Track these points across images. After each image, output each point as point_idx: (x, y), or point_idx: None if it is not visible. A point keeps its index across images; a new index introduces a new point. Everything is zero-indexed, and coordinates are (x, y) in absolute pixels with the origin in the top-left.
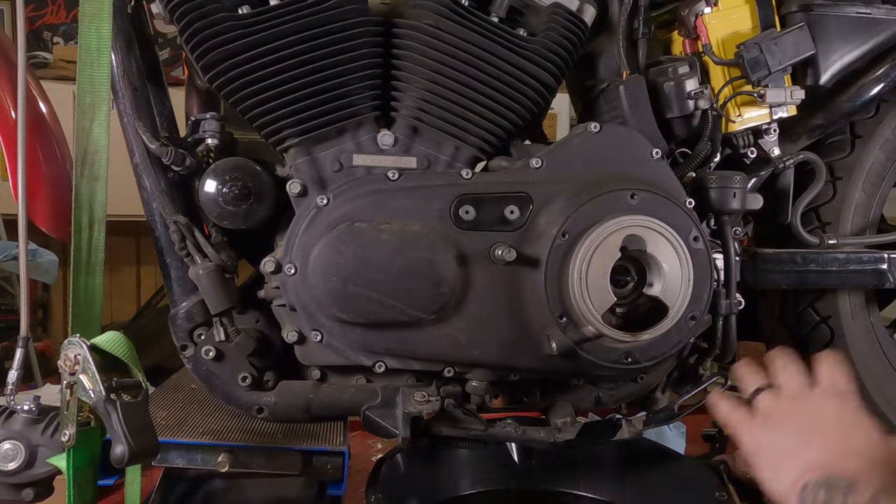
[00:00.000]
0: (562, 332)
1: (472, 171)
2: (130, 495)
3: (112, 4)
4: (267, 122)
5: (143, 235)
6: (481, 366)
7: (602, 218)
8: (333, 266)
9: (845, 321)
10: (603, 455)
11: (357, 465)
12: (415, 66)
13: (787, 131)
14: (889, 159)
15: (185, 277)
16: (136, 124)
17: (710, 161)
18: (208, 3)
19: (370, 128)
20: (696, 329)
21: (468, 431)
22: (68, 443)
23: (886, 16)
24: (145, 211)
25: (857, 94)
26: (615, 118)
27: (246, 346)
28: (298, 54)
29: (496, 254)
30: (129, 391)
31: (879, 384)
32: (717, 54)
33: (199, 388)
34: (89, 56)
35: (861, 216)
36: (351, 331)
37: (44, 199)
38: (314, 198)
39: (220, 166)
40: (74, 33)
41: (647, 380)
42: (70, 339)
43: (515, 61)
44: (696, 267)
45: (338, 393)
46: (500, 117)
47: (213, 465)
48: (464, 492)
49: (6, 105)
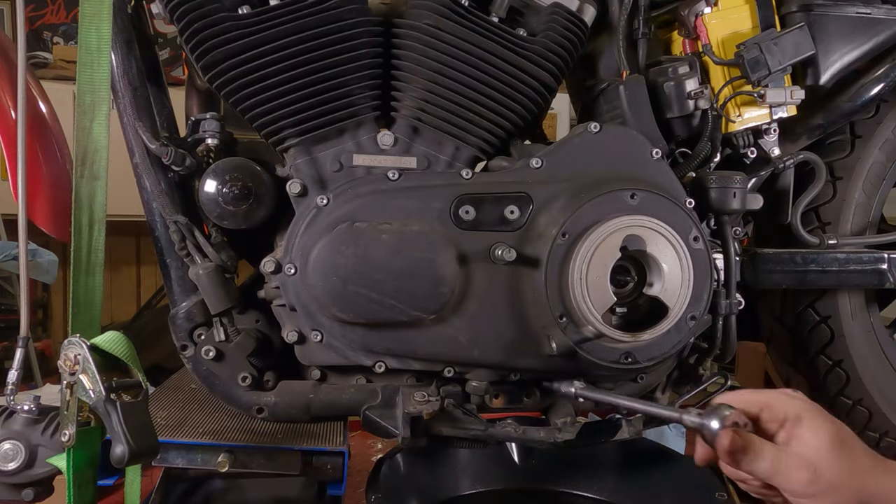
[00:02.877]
0: (562, 332)
1: (472, 171)
2: (130, 495)
3: (112, 4)
4: (267, 122)
5: (143, 235)
6: (481, 366)
7: (602, 218)
8: (333, 266)
9: (845, 321)
10: (603, 455)
11: (357, 465)
12: (415, 66)
13: (787, 131)
14: (889, 159)
15: (185, 277)
16: (136, 124)
17: (710, 161)
18: (208, 3)
19: (370, 128)
20: (696, 329)
21: (468, 431)
22: (68, 443)
23: (886, 16)
24: (145, 211)
25: (857, 94)
26: (615, 118)
27: (246, 346)
28: (298, 54)
29: (496, 254)
30: (129, 391)
31: (879, 384)
32: (717, 54)
33: (199, 388)
34: (89, 56)
35: (861, 216)
36: (351, 331)
37: (44, 199)
38: (314, 198)
39: (220, 166)
40: (74, 33)
41: (647, 380)
42: (70, 339)
43: (515, 61)
44: (696, 267)
45: (338, 393)
46: (500, 117)
47: (213, 465)
48: (464, 492)
49: (6, 105)
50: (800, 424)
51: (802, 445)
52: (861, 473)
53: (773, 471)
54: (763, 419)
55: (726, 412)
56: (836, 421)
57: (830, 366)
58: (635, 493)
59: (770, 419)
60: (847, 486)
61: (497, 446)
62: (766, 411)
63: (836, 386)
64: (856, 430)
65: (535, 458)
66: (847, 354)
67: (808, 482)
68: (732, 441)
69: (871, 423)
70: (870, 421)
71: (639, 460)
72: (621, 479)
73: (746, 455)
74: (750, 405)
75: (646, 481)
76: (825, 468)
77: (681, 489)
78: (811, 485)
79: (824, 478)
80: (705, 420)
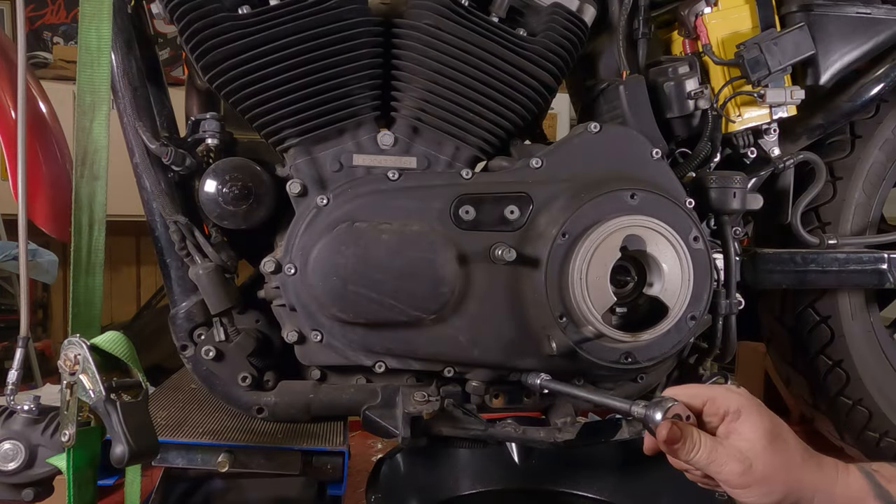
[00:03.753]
0: (562, 332)
1: (472, 171)
2: (130, 495)
3: (112, 4)
4: (267, 122)
5: (143, 235)
6: (481, 366)
7: (602, 218)
8: (333, 266)
9: (845, 321)
10: (603, 455)
11: (357, 465)
12: (415, 66)
13: (787, 131)
14: (889, 159)
15: (185, 277)
16: (136, 124)
17: (710, 161)
18: (208, 3)
19: (370, 128)
20: (696, 329)
21: (468, 431)
22: (68, 443)
23: (886, 16)
24: (145, 211)
25: (857, 94)
26: (615, 118)
27: (246, 346)
28: (298, 54)
29: (496, 254)
30: (129, 391)
31: (879, 384)
32: (717, 54)
33: (199, 388)
34: (89, 56)
35: (861, 216)
36: (351, 331)
37: (44, 199)
38: (314, 198)
39: (220, 166)
40: (74, 33)
41: (647, 380)
42: (70, 339)
43: (515, 61)
44: (696, 267)
45: (338, 393)
46: (500, 117)
47: (213, 465)
48: (464, 492)
49: (6, 105)
50: (739, 419)
51: (739, 439)
52: (794, 468)
53: (709, 461)
54: (706, 412)
55: (669, 404)
56: (774, 417)
57: (830, 366)
58: (635, 493)
59: (712, 413)
60: (779, 480)
61: (497, 446)
62: (709, 405)
63: (836, 386)
64: (856, 430)
65: (535, 458)
66: (847, 354)
67: (741, 473)
68: (670, 431)
69: (871, 423)
70: (870, 421)
71: (639, 460)
72: (621, 479)
73: (684, 446)
74: (694, 399)
75: (646, 481)
76: (758, 461)
77: (681, 489)
78: (743, 476)
79: (757, 470)
80: (649, 412)
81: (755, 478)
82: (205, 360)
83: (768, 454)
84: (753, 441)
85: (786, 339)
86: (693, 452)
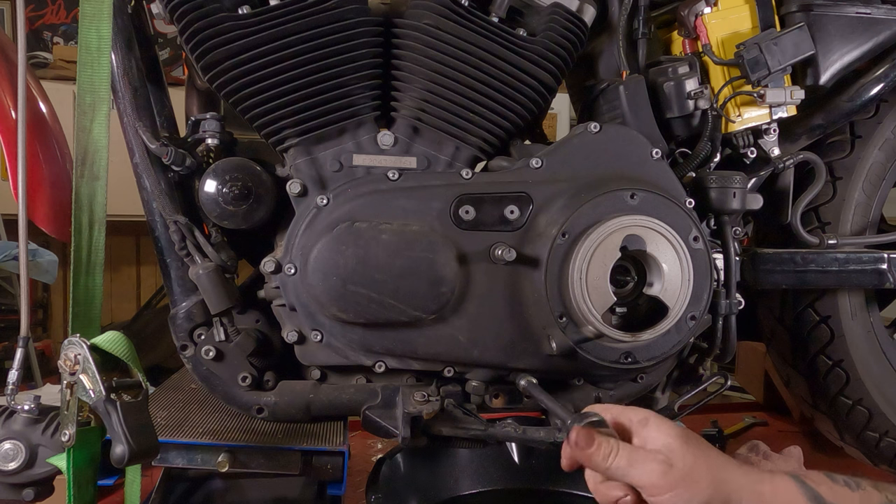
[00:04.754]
0: (562, 332)
1: (472, 171)
2: (130, 495)
3: (112, 4)
4: (267, 122)
5: (143, 235)
6: (481, 366)
7: (602, 218)
8: (333, 266)
9: (845, 321)
10: None
11: (357, 465)
12: (415, 66)
13: (787, 131)
14: (889, 159)
15: (185, 277)
16: (136, 124)
17: (710, 161)
18: (208, 3)
19: (370, 128)
20: (696, 329)
21: (468, 431)
22: (68, 443)
23: (886, 16)
24: (145, 211)
25: (857, 94)
26: (615, 118)
27: (246, 346)
28: (298, 54)
29: (496, 254)
30: (129, 391)
31: (879, 384)
32: (717, 54)
33: (199, 388)
34: (89, 56)
35: (861, 216)
36: (351, 331)
37: (44, 199)
38: (314, 198)
39: (220, 166)
40: (74, 33)
41: (646, 380)
42: (70, 339)
43: (515, 61)
44: (695, 267)
45: (338, 393)
46: (500, 117)
47: (213, 465)
48: (464, 492)
49: (6, 105)
50: (647, 425)
51: (655, 442)
52: (715, 466)
53: (629, 465)
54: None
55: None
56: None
57: (830, 366)
58: None
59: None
60: (702, 477)
61: (497, 446)
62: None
63: (836, 386)
64: (856, 430)
65: (535, 458)
66: (847, 354)
67: (662, 472)
68: (578, 435)
69: (871, 423)
70: (870, 421)
71: None
72: None
73: (600, 450)
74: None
75: None
76: (678, 459)
77: None
78: (666, 475)
79: (678, 468)
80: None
81: (678, 476)
82: (205, 360)
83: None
84: (669, 441)
85: (786, 339)
86: (611, 458)
